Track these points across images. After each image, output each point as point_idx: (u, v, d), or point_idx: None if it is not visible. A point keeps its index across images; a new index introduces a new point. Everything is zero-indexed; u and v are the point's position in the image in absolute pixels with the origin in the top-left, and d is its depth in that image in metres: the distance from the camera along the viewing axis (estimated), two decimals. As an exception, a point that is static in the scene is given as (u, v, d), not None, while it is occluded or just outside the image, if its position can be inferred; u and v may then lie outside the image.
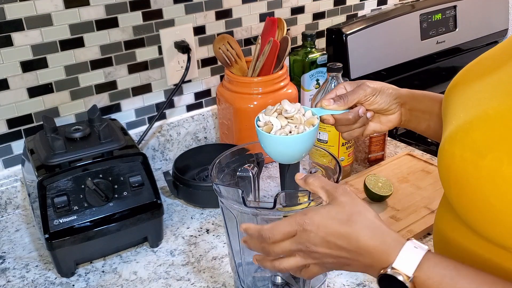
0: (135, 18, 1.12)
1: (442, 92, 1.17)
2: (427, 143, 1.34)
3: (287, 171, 0.74)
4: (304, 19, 1.41)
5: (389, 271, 0.57)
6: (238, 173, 0.81)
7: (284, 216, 0.68)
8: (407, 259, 0.57)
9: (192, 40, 1.21)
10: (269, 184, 1.00)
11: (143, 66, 1.17)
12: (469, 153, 0.58)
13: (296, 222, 0.62)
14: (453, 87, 0.71)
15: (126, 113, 1.19)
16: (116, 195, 0.90)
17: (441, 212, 0.69)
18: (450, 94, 0.70)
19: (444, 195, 0.70)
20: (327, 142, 1.11)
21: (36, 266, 0.93)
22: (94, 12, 1.06)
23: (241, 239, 0.69)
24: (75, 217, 0.87)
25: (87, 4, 1.05)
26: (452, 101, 0.69)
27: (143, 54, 1.16)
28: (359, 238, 0.60)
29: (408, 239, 0.59)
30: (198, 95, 1.29)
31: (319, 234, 0.61)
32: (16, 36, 0.99)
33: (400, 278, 0.56)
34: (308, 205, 0.68)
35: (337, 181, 0.72)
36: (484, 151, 0.56)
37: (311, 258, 0.63)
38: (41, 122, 1.05)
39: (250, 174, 0.81)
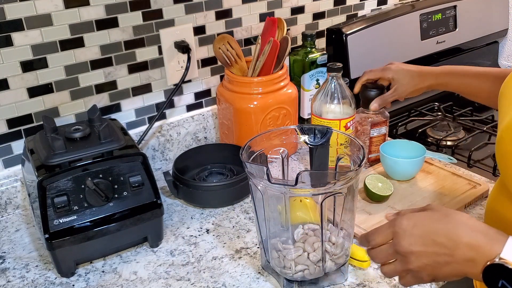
0: (135, 18, 1.12)
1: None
2: (427, 143, 1.34)
3: (315, 153, 0.84)
4: (304, 19, 1.41)
5: (497, 260, 0.57)
6: (268, 156, 0.88)
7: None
8: None
9: (192, 40, 1.21)
10: (300, 166, 1.19)
11: (143, 66, 1.17)
12: None
13: (393, 223, 0.65)
14: None
15: (126, 113, 1.19)
16: (116, 195, 0.90)
17: (494, 194, 0.74)
18: (509, 83, 0.73)
19: (498, 181, 0.76)
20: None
21: (36, 266, 0.93)
22: (94, 12, 1.06)
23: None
24: (75, 217, 0.87)
25: (87, 4, 1.05)
26: (510, 90, 0.72)
27: (143, 54, 1.16)
28: (458, 233, 0.60)
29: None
30: (198, 95, 1.29)
31: (415, 233, 0.62)
32: (16, 36, 0.99)
33: (510, 267, 0.56)
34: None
35: (360, 165, 0.77)
36: None
37: (407, 262, 0.64)
38: (41, 122, 1.05)
39: (280, 156, 0.89)
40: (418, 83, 1.11)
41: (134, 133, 1.18)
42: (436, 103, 1.53)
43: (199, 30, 1.22)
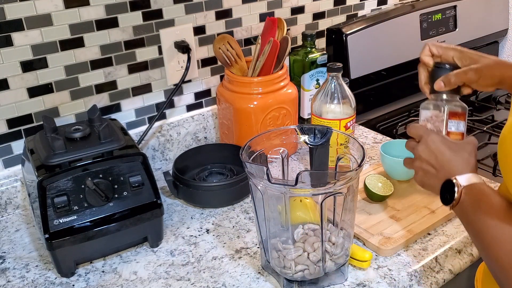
0: (135, 18, 1.12)
1: None
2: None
3: (315, 153, 0.84)
4: (304, 19, 1.41)
5: (451, 178, 0.75)
6: (268, 156, 0.89)
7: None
8: (468, 178, 0.74)
9: (192, 40, 1.21)
10: (300, 166, 1.20)
11: (143, 66, 1.17)
12: None
13: (428, 131, 0.82)
14: None
15: (126, 113, 1.19)
16: (116, 195, 0.90)
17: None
18: None
19: (502, 185, 0.80)
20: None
21: (36, 266, 0.93)
22: (94, 12, 1.06)
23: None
24: (75, 217, 0.87)
25: (87, 4, 1.05)
26: None
27: (143, 54, 1.16)
28: (452, 161, 0.77)
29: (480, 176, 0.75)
30: (198, 95, 1.29)
31: (430, 146, 0.80)
32: (16, 36, 0.99)
33: (455, 185, 0.74)
34: None
35: (360, 165, 0.78)
36: None
37: (415, 160, 0.83)
38: (41, 122, 1.05)
39: (280, 156, 0.90)
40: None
41: (134, 133, 1.18)
42: (436, 103, 1.53)
43: (199, 30, 1.22)
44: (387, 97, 1.55)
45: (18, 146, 1.07)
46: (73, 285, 0.88)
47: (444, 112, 0.86)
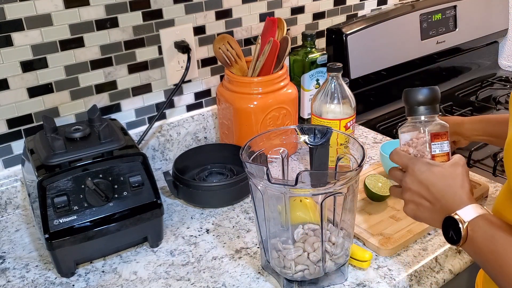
0: (135, 18, 1.12)
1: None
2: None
3: (315, 153, 0.84)
4: (304, 19, 1.41)
5: (452, 215, 0.70)
6: (268, 156, 0.89)
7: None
8: (470, 211, 0.69)
9: (192, 40, 1.21)
10: (300, 166, 1.21)
11: (143, 66, 1.17)
12: None
13: (414, 160, 0.76)
14: None
15: (126, 113, 1.19)
16: (116, 195, 0.90)
17: (501, 199, 0.77)
18: None
19: (504, 187, 0.78)
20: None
21: (36, 266, 0.93)
22: (94, 12, 1.06)
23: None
24: (75, 217, 0.87)
25: (87, 4, 1.05)
26: None
27: (143, 54, 1.16)
28: (446, 192, 0.72)
29: (480, 206, 0.71)
30: (198, 95, 1.29)
31: (419, 177, 0.75)
32: (16, 36, 0.99)
33: (458, 222, 0.69)
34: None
35: (360, 165, 0.78)
36: None
37: (404, 192, 0.78)
38: (41, 122, 1.05)
39: (280, 156, 0.90)
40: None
41: (134, 133, 1.18)
42: (436, 103, 1.53)
43: (199, 30, 1.22)
44: (387, 97, 1.55)
45: (18, 146, 1.07)
46: (73, 285, 0.88)
47: (425, 134, 0.80)
